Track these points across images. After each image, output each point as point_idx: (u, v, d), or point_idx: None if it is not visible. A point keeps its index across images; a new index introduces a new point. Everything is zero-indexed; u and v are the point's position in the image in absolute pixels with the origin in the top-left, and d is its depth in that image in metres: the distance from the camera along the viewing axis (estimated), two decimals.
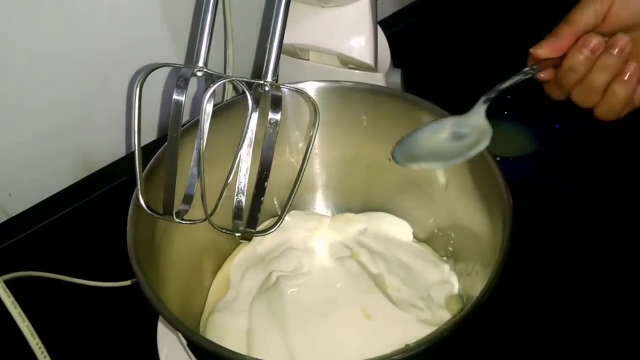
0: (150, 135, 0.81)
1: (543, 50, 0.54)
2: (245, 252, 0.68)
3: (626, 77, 0.53)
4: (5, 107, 0.67)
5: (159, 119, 0.81)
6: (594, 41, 0.52)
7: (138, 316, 0.57)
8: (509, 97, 0.77)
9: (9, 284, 0.50)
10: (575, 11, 0.54)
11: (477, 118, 0.57)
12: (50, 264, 0.69)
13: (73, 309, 0.67)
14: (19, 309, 0.51)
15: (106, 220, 0.63)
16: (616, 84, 0.53)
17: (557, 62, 0.54)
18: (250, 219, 0.52)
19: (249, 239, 0.53)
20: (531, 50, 0.55)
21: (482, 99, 0.57)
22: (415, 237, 0.69)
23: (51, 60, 0.68)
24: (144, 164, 0.53)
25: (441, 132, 0.59)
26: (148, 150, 0.55)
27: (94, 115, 0.75)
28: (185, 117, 0.60)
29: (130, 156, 0.81)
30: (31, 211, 0.75)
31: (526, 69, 0.55)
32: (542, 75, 0.56)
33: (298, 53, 0.73)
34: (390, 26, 0.90)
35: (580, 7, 0.54)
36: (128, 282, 0.68)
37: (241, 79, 0.51)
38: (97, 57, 0.71)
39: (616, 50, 0.52)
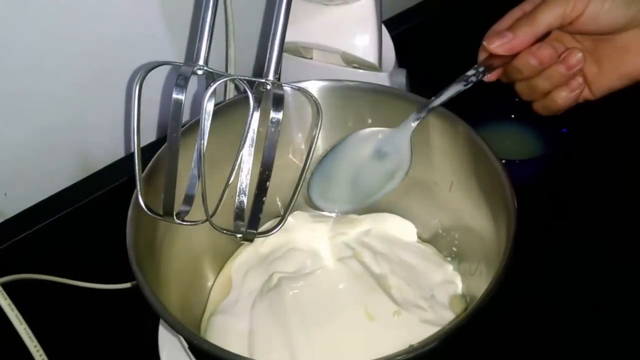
0: (150, 135, 0.81)
1: (497, 47, 0.53)
2: (247, 253, 0.67)
3: (568, 89, 0.53)
4: (1, 106, 0.67)
5: (159, 119, 0.81)
6: (546, 53, 0.52)
7: (138, 319, 0.57)
8: (516, 99, 0.77)
9: (6, 286, 0.50)
10: (541, 10, 0.52)
11: (401, 140, 0.57)
12: (49, 266, 0.69)
13: (72, 311, 0.67)
14: (16, 312, 0.51)
15: (105, 221, 0.62)
16: (557, 92, 0.54)
17: (508, 60, 0.53)
18: (252, 220, 0.51)
19: (251, 240, 0.53)
20: (484, 43, 0.53)
21: (412, 117, 0.56)
22: (419, 237, 0.68)
23: (48, 59, 0.68)
24: (143, 165, 0.52)
25: (364, 146, 0.59)
26: (148, 151, 0.54)
27: (93, 115, 0.75)
28: (186, 117, 0.59)
29: (129, 157, 0.80)
30: (28, 212, 0.75)
31: (470, 73, 0.54)
32: (488, 77, 0.55)
33: (301, 52, 0.72)
34: (396, 26, 0.89)
35: (548, 6, 0.52)
36: (128, 285, 0.67)
37: (242, 78, 0.51)
38: (95, 55, 0.71)
39: (565, 67, 0.52)
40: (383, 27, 0.71)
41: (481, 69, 0.54)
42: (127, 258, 0.49)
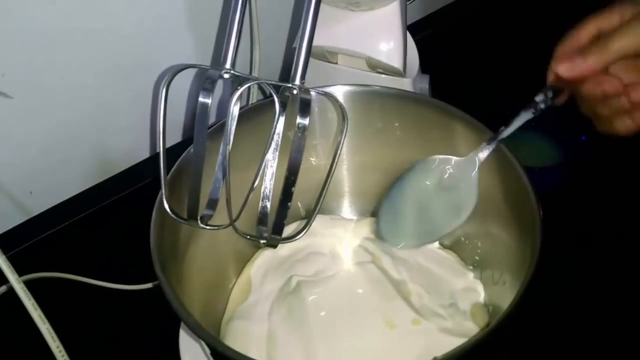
0: (175, 137, 0.81)
1: (565, 71, 0.50)
2: (266, 256, 0.67)
3: (631, 119, 0.51)
4: (28, 105, 0.67)
5: (184, 121, 0.81)
6: (612, 87, 0.49)
7: (160, 319, 0.56)
8: None
9: (29, 284, 0.50)
10: (617, 38, 0.48)
11: (467, 172, 0.56)
12: (72, 265, 0.69)
13: (93, 311, 0.67)
14: (39, 311, 0.50)
15: (128, 221, 0.62)
16: (620, 119, 0.51)
17: (576, 83, 0.51)
18: (276, 226, 0.51)
19: (275, 246, 0.52)
20: (553, 65, 0.51)
21: (481, 148, 0.55)
22: (440, 243, 0.67)
23: (74, 59, 0.68)
24: (168, 167, 0.52)
25: (429, 176, 0.59)
26: (172, 152, 0.54)
27: (118, 115, 0.75)
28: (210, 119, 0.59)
29: (153, 157, 0.80)
30: (53, 211, 0.75)
31: (538, 99, 0.52)
32: (557, 100, 0.53)
33: (327, 56, 0.72)
34: (419, 31, 0.88)
35: (625, 35, 0.48)
36: (149, 285, 0.67)
37: (269, 82, 0.50)
38: (120, 55, 0.71)
39: (629, 101, 0.50)
40: (407, 33, 0.70)
41: (550, 94, 0.52)
42: (149, 258, 0.49)
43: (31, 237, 0.73)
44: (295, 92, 0.50)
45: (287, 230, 0.64)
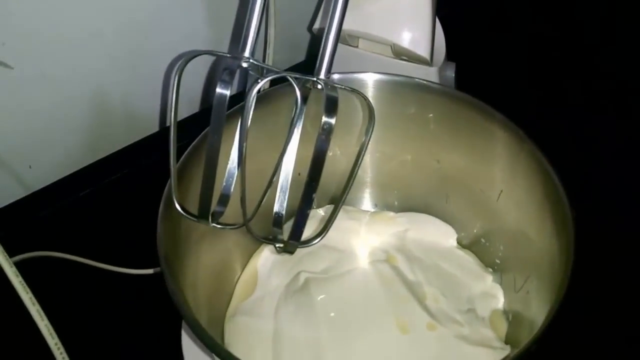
0: (186, 109, 0.78)
1: None
2: (273, 247, 0.64)
3: None
4: (29, 76, 0.66)
5: (202, 91, 0.77)
6: None
7: (161, 307, 0.53)
8: None
9: (26, 262, 0.48)
10: None
11: None
12: (70, 244, 0.67)
13: (91, 294, 0.65)
14: (37, 307, 0.48)
15: (130, 201, 0.62)
16: None
17: None
18: (295, 232, 0.48)
19: (292, 252, 0.50)
20: None
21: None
22: (459, 243, 0.65)
23: (81, 32, 0.67)
24: (178, 156, 0.49)
25: None
26: (183, 127, 0.50)
27: (125, 90, 0.74)
28: None
29: (162, 135, 0.78)
30: (53, 187, 0.74)
31: None
32: None
33: (347, 39, 0.69)
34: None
35: None
36: (150, 271, 0.65)
37: (291, 74, 0.47)
38: (131, 32, 0.70)
39: None
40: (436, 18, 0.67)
41: None
42: (150, 242, 0.47)
43: (30, 213, 0.71)
44: (319, 86, 0.46)
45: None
